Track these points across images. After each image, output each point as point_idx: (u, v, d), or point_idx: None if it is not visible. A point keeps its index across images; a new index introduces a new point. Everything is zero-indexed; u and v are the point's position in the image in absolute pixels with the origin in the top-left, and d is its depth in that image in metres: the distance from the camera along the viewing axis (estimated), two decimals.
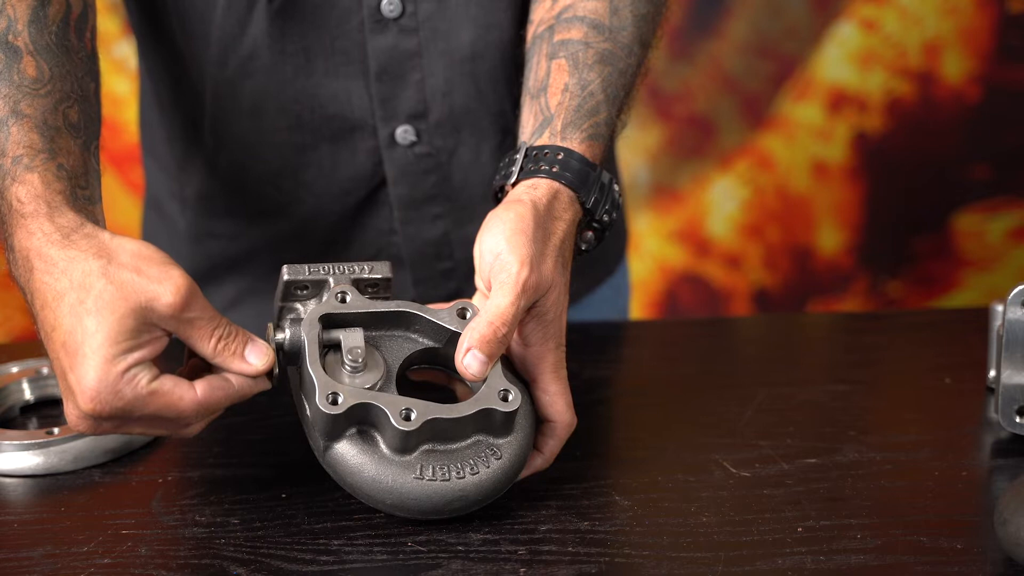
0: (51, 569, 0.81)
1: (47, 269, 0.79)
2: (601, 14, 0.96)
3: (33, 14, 0.87)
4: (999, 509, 0.80)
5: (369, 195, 1.11)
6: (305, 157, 1.09)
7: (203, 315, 0.80)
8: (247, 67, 1.06)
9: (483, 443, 0.85)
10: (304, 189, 1.10)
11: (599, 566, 0.81)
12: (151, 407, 0.79)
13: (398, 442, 0.82)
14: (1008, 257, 2.23)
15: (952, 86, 2.14)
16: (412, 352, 0.88)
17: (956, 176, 2.20)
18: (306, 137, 1.08)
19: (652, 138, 2.18)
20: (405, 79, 1.06)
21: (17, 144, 0.83)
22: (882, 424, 1.02)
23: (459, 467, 0.83)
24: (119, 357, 0.78)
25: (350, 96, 1.07)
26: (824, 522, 0.85)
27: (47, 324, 0.79)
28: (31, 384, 1.02)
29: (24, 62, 0.86)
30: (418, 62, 1.06)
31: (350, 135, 1.08)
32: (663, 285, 2.24)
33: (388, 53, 1.05)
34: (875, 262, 2.24)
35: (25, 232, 0.80)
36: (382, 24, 1.04)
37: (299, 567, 0.81)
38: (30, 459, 0.92)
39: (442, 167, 1.10)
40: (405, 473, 0.83)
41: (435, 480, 0.83)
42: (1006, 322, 0.94)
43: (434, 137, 1.08)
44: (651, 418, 1.01)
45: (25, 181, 0.82)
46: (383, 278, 0.89)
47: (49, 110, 0.85)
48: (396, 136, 1.08)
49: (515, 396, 0.84)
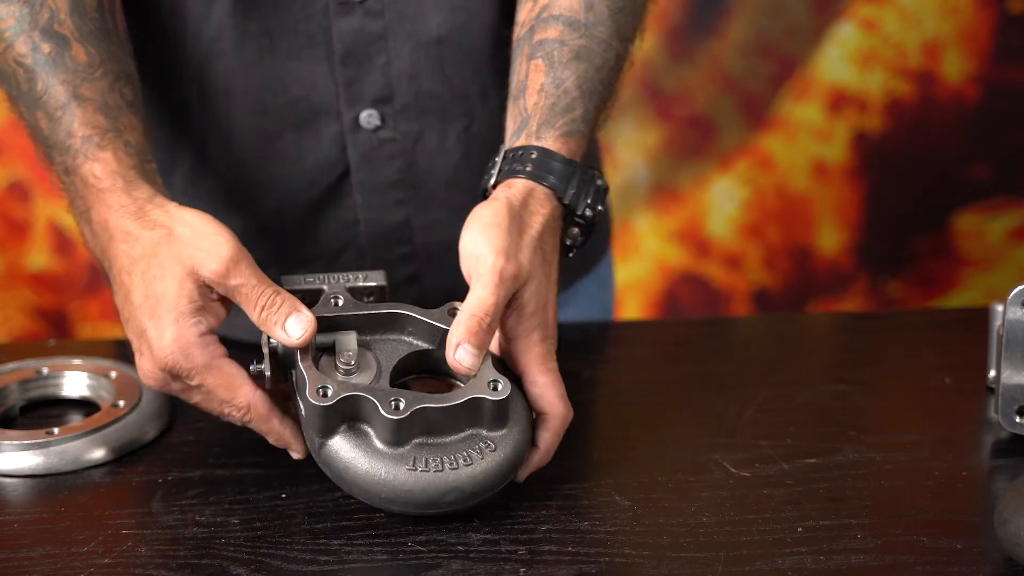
0: (51, 569, 0.81)
1: (123, 238, 0.88)
2: (576, 11, 0.97)
3: (73, 3, 0.94)
4: (999, 509, 0.80)
5: (333, 184, 1.10)
6: (271, 146, 1.08)
7: (247, 282, 0.86)
8: (214, 48, 1.05)
9: (477, 436, 0.85)
10: (271, 180, 1.10)
11: (599, 566, 0.81)
12: (211, 379, 0.86)
13: (390, 434, 0.83)
14: (1008, 257, 2.23)
15: (952, 86, 2.14)
16: (406, 354, 0.88)
17: (956, 176, 2.20)
18: (271, 124, 1.07)
19: (652, 138, 2.18)
20: (370, 62, 1.06)
21: (84, 124, 0.91)
22: (882, 424, 1.02)
23: (452, 458, 0.83)
24: (191, 318, 0.85)
25: (315, 80, 1.06)
26: (824, 522, 0.85)
27: (124, 287, 0.88)
28: (31, 384, 1.02)
29: (74, 49, 0.93)
30: (384, 45, 1.05)
31: (314, 120, 1.07)
32: (663, 285, 2.24)
33: (353, 36, 1.05)
34: (875, 262, 2.23)
35: (104, 205, 0.89)
36: (348, 7, 1.04)
37: (299, 567, 0.81)
38: (30, 459, 0.93)
39: (407, 152, 1.09)
40: (398, 465, 0.83)
41: (428, 471, 0.83)
42: (1006, 322, 0.94)
43: (399, 122, 1.08)
44: (651, 418, 1.01)
45: (99, 159, 0.90)
46: (378, 286, 0.91)
47: (106, 91, 0.92)
48: (360, 120, 1.07)
49: (504, 386, 0.85)
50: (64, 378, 1.02)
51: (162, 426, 0.98)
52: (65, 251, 2.08)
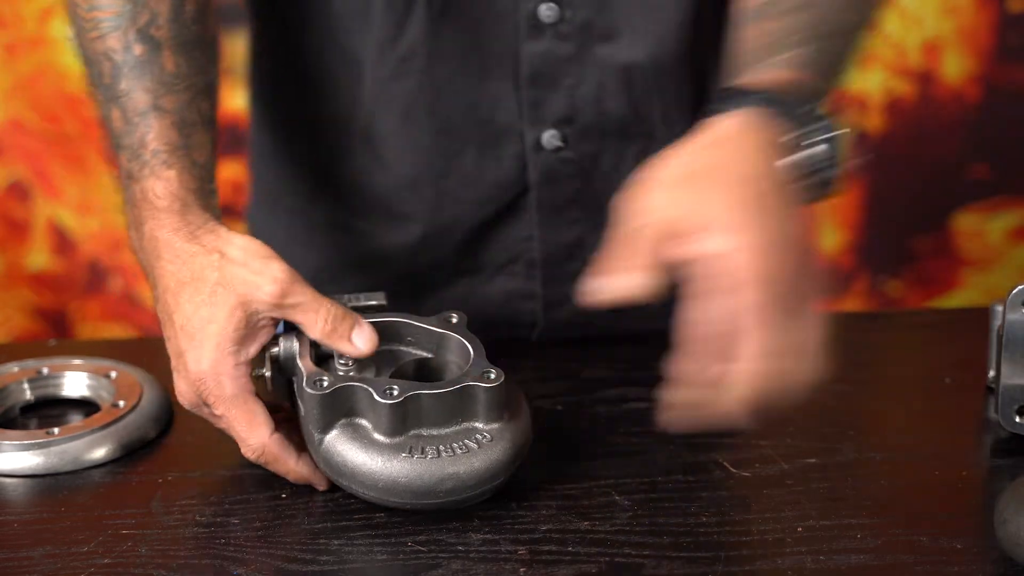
0: (51, 569, 0.81)
1: (172, 259, 0.88)
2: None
3: (174, 9, 0.93)
4: (999, 509, 0.80)
5: (511, 201, 1.10)
6: (449, 163, 1.08)
7: (305, 299, 0.86)
8: (402, 68, 1.05)
9: (473, 428, 0.85)
10: (445, 196, 1.09)
11: (599, 566, 0.81)
12: (232, 412, 0.86)
13: (386, 422, 0.83)
14: (1008, 257, 2.23)
15: (952, 86, 2.14)
16: (404, 362, 0.88)
17: (956, 176, 2.20)
18: (453, 142, 1.07)
19: None
20: (557, 85, 1.05)
21: (157, 138, 0.90)
22: (882, 424, 1.01)
23: (449, 446, 0.84)
24: (232, 346, 0.85)
25: (500, 99, 1.05)
26: (824, 522, 0.85)
27: (168, 307, 0.88)
28: (31, 384, 1.02)
29: (164, 57, 0.92)
30: (571, 69, 1.04)
31: (497, 139, 1.07)
32: None
33: (541, 58, 1.04)
34: (875, 262, 2.23)
35: (157, 223, 0.89)
36: (538, 29, 1.03)
37: (299, 567, 0.81)
38: (30, 459, 0.93)
39: (585, 172, 1.08)
40: (395, 453, 0.83)
41: (425, 458, 0.83)
42: (1006, 322, 0.94)
43: (580, 142, 1.07)
44: (651, 418, 1.01)
45: (163, 177, 0.90)
46: (378, 305, 0.92)
47: (185, 106, 0.92)
48: (543, 141, 1.07)
49: (498, 374, 0.85)
50: (64, 378, 1.02)
51: (162, 426, 0.98)
52: (65, 251, 2.07)
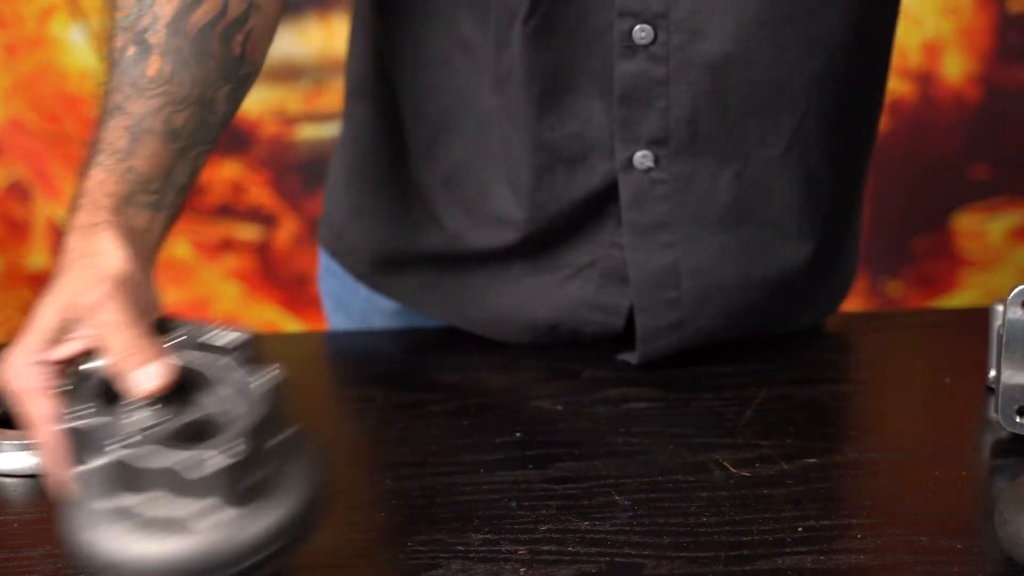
0: (51, 569, 0.81)
1: (61, 249, 0.85)
2: None
3: (176, 15, 0.91)
4: (999, 509, 0.80)
5: (599, 212, 1.10)
6: (540, 178, 1.08)
7: (118, 319, 0.78)
8: (501, 84, 1.05)
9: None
10: (536, 208, 1.09)
11: (599, 566, 0.81)
12: (20, 406, 0.79)
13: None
14: (1008, 257, 2.23)
15: (952, 86, 2.14)
16: (192, 417, 0.75)
17: (956, 176, 2.20)
18: (544, 157, 1.07)
19: None
20: (649, 106, 1.04)
21: (106, 138, 0.89)
22: (882, 424, 1.02)
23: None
24: (37, 347, 0.79)
25: (591, 117, 1.05)
26: (824, 522, 0.85)
27: None
28: None
29: (149, 60, 0.90)
30: (664, 90, 1.03)
31: (586, 157, 1.07)
32: None
33: (633, 79, 1.03)
34: (875, 262, 2.24)
35: (75, 214, 0.87)
36: (631, 50, 1.02)
37: (298, 566, 0.81)
38: (30, 459, 0.93)
39: (677, 194, 1.07)
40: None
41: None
42: (1006, 322, 0.94)
43: (673, 163, 1.06)
44: (651, 418, 1.01)
45: (89, 175, 0.88)
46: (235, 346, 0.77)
47: (152, 112, 0.90)
48: (634, 161, 1.06)
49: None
50: None
51: None
52: None
